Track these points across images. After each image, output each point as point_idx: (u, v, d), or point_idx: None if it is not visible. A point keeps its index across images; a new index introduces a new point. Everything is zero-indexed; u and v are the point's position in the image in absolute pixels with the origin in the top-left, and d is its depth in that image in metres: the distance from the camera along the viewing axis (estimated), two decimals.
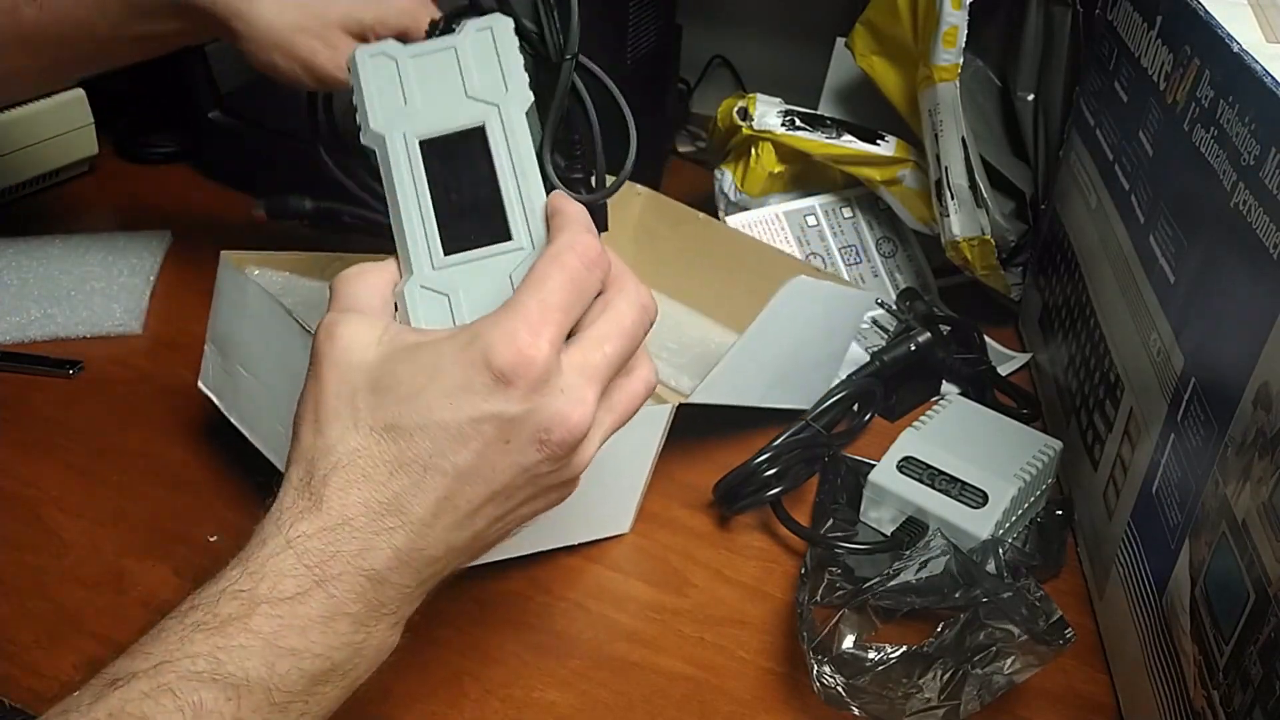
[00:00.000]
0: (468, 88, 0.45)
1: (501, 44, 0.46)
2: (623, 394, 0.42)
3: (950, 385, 0.72)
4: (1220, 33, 0.48)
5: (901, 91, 0.79)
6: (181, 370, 0.71)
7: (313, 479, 0.38)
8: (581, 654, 0.53)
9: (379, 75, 0.45)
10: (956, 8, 0.69)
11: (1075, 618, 0.55)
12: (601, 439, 0.41)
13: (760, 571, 0.58)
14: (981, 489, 0.56)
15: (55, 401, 0.67)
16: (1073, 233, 0.69)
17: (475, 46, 0.46)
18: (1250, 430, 0.41)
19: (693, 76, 1.04)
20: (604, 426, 0.41)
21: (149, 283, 0.78)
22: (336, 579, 0.37)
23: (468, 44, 0.46)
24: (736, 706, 0.51)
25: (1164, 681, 0.46)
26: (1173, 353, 0.50)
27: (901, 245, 0.82)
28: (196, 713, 0.34)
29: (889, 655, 0.46)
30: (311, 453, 0.38)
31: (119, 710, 0.33)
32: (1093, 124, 0.67)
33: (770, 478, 0.60)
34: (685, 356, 0.71)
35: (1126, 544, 0.52)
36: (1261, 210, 0.42)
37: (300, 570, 0.36)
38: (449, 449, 0.37)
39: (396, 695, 0.50)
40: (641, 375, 0.43)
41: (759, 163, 0.81)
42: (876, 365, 0.68)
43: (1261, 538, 0.39)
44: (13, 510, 0.59)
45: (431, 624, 0.53)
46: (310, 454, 0.38)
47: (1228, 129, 0.46)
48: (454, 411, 0.37)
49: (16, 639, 0.51)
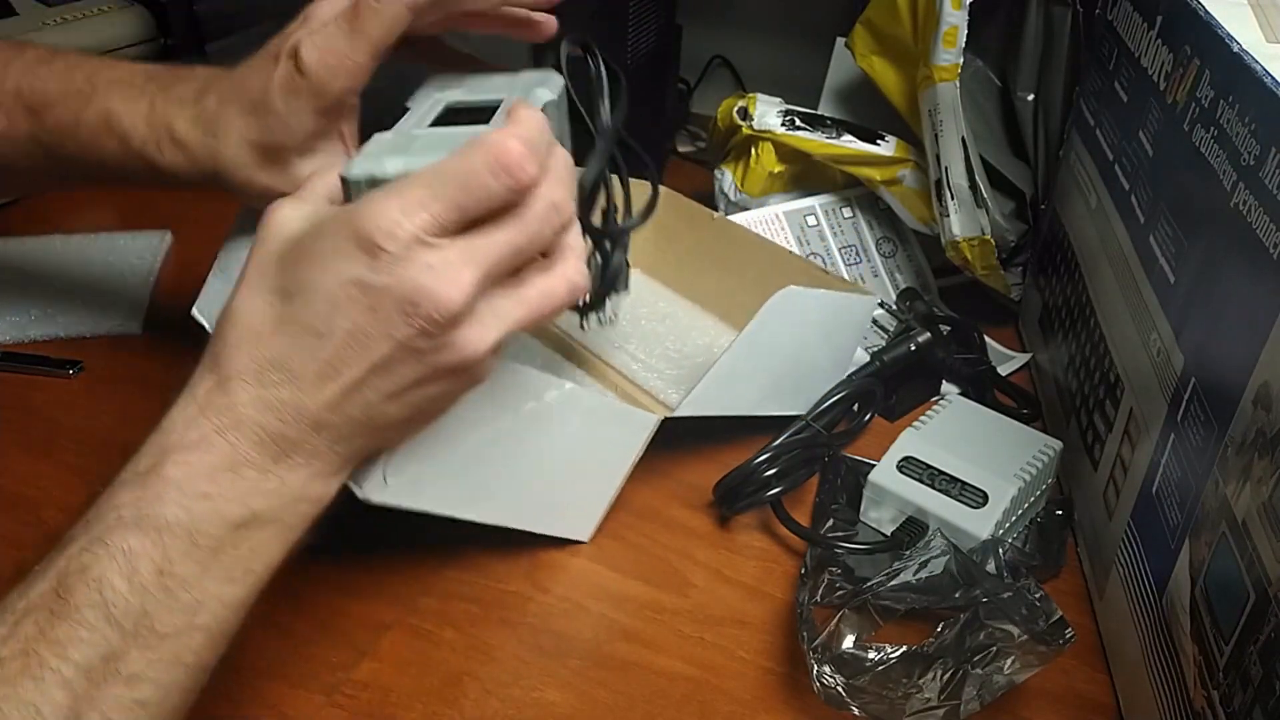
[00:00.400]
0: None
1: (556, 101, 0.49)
2: (534, 289, 0.42)
3: (950, 385, 0.72)
4: (1220, 33, 0.48)
5: (901, 91, 0.79)
6: (182, 370, 0.71)
7: (216, 342, 0.41)
8: (581, 654, 0.53)
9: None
10: (956, 8, 0.69)
11: (1075, 618, 0.55)
12: (502, 330, 0.41)
13: (760, 571, 0.58)
14: (981, 489, 0.56)
15: (55, 401, 0.67)
16: (1073, 233, 0.69)
17: (525, 93, 0.47)
18: (1250, 430, 0.41)
19: (693, 76, 1.04)
20: (507, 317, 0.41)
21: (149, 283, 0.78)
22: (234, 428, 0.40)
23: (518, 88, 0.48)
24: (736, 706, 0.51)
25: (1164, 681, 0.46)
26: (1173, 353, 0.50)
27: (901, 245, 0.82)
28: (127, 557, 0.37)
29: (889, 655, 0.46)
30: (221, 320, 0.41)
31: (64, 569, 0.37)
32: (1093, 124, 0.67)
33: (770, 478, 0.60)
34: (683, 368, 0.71)
35: (1126, 544, 0.52)
36: (1261, 210, 0.42)
37: (201, 421, 0.40)
38: (325, 312, 0.39)
39: (397, 694, 0.50)
40: (562, 273, 0.43)
41: (759, 163, 0.81)
42: (876, 365, 0.68)
43: (1261, 538, 0.39)
44: (13, 510, 0.59)
45: (432, 624, 0.53)
46: (220, 321, 0.41)
47: (1228, 129, 0.46)
48: (325, 276, 0.39)
49: None
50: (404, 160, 0.43)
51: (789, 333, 0.61)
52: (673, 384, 0.70)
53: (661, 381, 0.70)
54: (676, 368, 0.71)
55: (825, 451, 0.63)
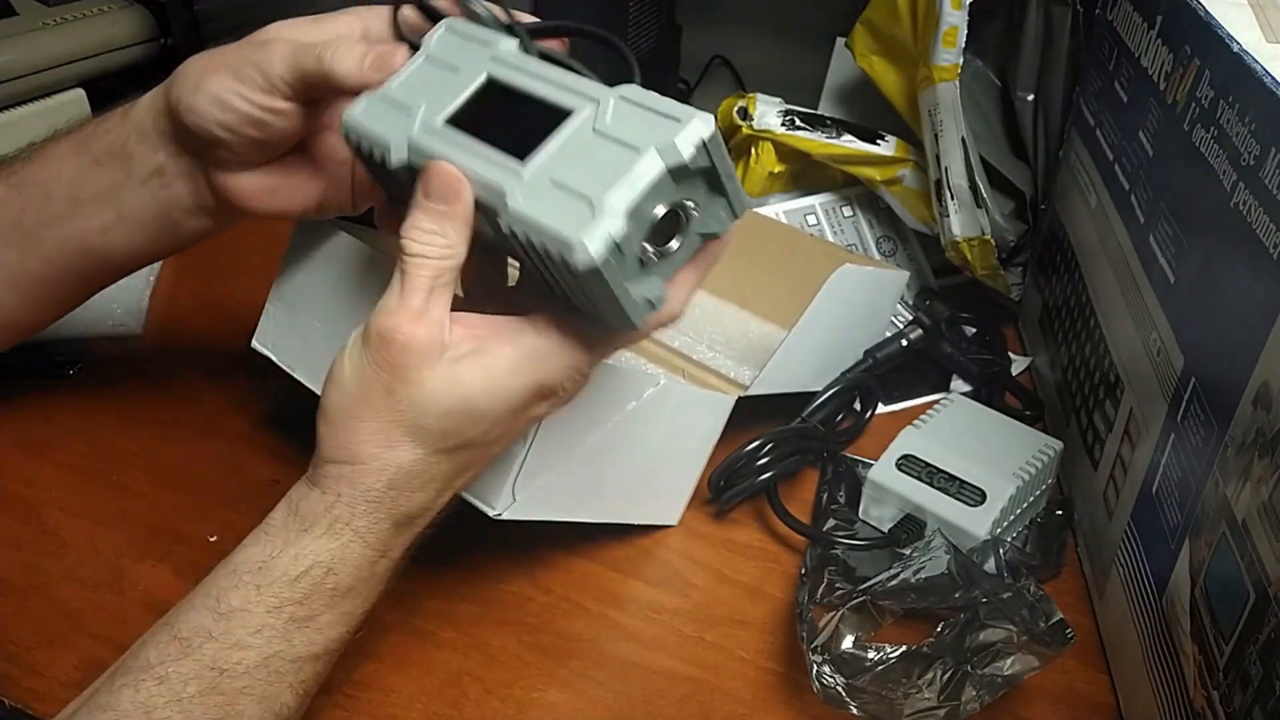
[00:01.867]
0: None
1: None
2: None
3: (962, 384, 0.72)
4: (1220, 33, 0.48)
5: (901, 91, 0.79)
6: (182, 370, 0.71)
7: (351, 469, 0.42)
8: (581, 654, 0.53)
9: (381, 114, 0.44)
10: (956, 8, 0.69)
11: (1075, 618, 0.55)
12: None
13: (760, 571, 0.58)
14: (980, 487, 0.56)
15: (55, 401, 0.67)
16: (1073, 233, 0.69)
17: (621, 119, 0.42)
18: (1250, 430, 0.41)
19: (693, 76, 1.04)
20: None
21: (149, 283, 0.78)
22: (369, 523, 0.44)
23: (593, 95, 0.42)
24: (736, 706, 0.51)
25: (1164, 681, 0.46)
26: (1173, 353, 0.50)
27: (902, 244, 0.82)
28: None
29: (888, 655, 0.47)
30: (361, 453, 0.42)
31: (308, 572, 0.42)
32: (1093, 124, 0.67)
33: (762, 465, 0.60)
34: (735, 349, 0.73)
35: (1126, 544, 0.52)
36: (1261, 210, 0.42)
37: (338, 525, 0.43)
38: (490, 436, 0.44)
39: (397, 694, 0.50)
40: None
41: (759, 162, 0.81)
42: (870, 362, 0.69)
43: (1261, 538, 0.39)
44: (13, 510, 0.59)
45: (433, 624, 0.53)
46: (360, 454, 0.42)
47: (1228, 129, 0.46)
48: (505, 422, 0.43)
49: (16, 639, 0.51)
50: (590, 180, 0.39)
51: (842, 309, 0.64)
52: (734, 365, 0.72)
53: (731, 361, 0.73)
54: (731, 349, 0.73)
55: (821, 446, 0.63)
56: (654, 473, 0.59)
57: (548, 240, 0.38)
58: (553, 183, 0.40)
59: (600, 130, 0.40)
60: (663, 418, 0.56)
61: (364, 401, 0.41)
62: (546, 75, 0.43)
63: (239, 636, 0.40)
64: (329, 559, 0.41)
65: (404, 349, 0.40)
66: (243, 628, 0.40)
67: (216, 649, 0.40)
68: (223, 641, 0.40)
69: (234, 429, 0.66)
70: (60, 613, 0.53)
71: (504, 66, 0.44)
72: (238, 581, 0.41)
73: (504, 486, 0.49)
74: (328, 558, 0.41)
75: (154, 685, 0.39)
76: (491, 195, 0.41)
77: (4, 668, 0.50)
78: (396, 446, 0.41)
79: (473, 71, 0.44)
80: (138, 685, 0.39)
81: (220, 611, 0.40)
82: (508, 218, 0.40)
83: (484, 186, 0.41)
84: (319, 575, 0.41)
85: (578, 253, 0.38)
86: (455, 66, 0.45)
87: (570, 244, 0.38)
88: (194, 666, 0.39)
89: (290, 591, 0.41)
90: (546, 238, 0.39)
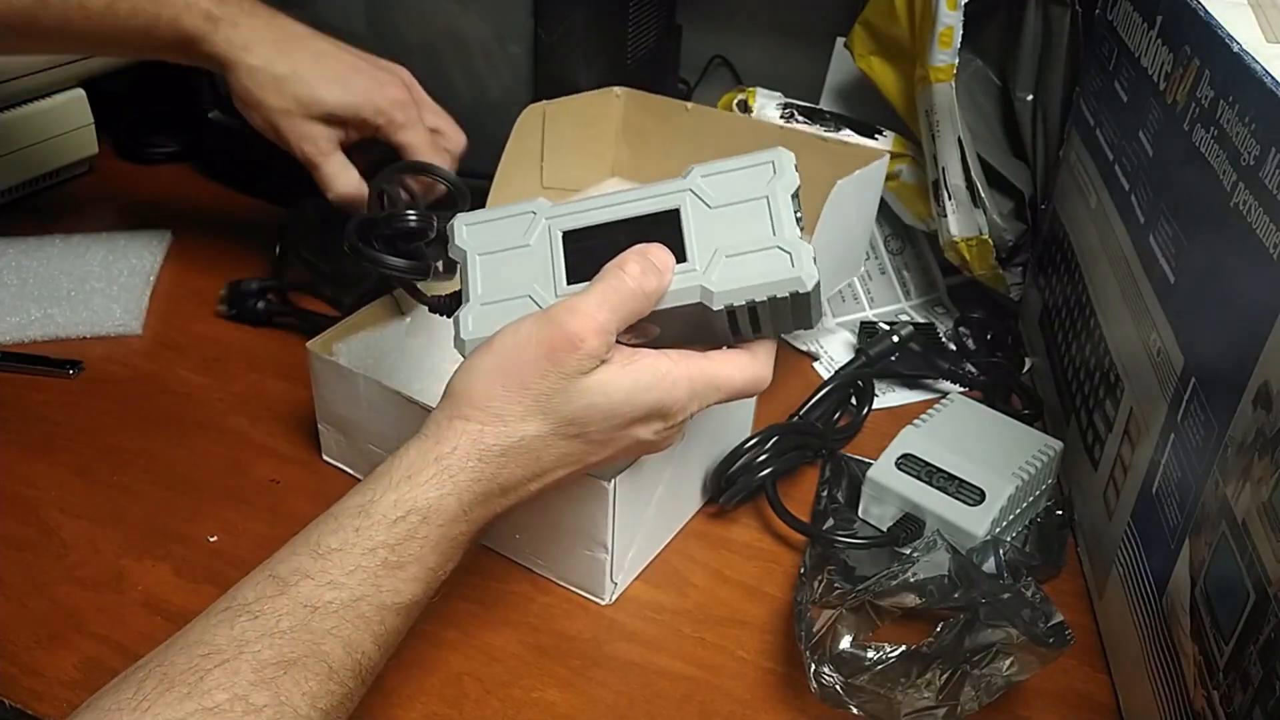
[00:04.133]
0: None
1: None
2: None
3: (963, 385, 0.72)
4: (1220, 33, 0.48)
5: (900, 92, 0.79)
6: (181, 370, 0.71)
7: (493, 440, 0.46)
8: (581, 654, 0.53)
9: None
10: (952, 8, 0.69)
11: (1075, 618, 0.55)
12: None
13: (760, 571, 0.58)
14: (979, 487, 0.56)
15: (55, 401, 0.67)
16: (1073, 233, 0.69)
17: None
18: (1250, 430, 0.41)
19: (693, 76, 1.04)
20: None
21: (149, 283, 0.78)
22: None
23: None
24: (736, 706, 0.51)
25: (1164, 681, 0.46)
26: (1173, 353, 0.50)
27: (910, 242, 0.82)
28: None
29: (887, 655, 0.47)
30: (501, 434, 0.46)
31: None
32: (1093, 124, 0.67)
33: (761, 462, 0.60)
34: None
35: (1126, 544, 0.52)
36: (1261, 210, 0.42)
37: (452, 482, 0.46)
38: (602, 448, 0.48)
39: (398, 694, 0.50)
40: None
41: None
42: (863, 359, 0.70)
43: (1261, 538, 0.39)
44: (13, 510, 0.59)
45: (433, 624, 0.53)
46: (500, 436, 0.46)
47: (1228, 129, 0.46)
48: (624, 432, 0.48)
49: (16, 639, 0.51)
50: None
51: (839, 219, 0.66)
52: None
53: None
54: None
55: (820, 443, 0.63)
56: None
57: (772, 289, 0.46)
58: (727, 258, 0.46)
59: (715, 205, 0.47)
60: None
61: (518, 374, 0.45)
62: (598, 205, 0.48)
63: (333, 576, 0.42)
64: (425, 507, 0.44)
65: (573, 349, 0.44)
66: (338, 567, 0.42)
67: (311, 587, 0.41)
68: (318, 580, 0.42)
69: (234, 429, 0.66)
70: (60, 613, 0.53)
71: (559, 217, 0.49)
72: (338, 526, 0.43)
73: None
74: (425, 505, 0.44)
75: (248, 621, 0.40)
76: (685, 297, 0.46)
77: (4, 668, 0.50)
78: (528, 420, 0.45)
79: (538, 236, 0.49)
80: (233, 622, 0.40)
81: (319, 553, 0.42)
82: (718, 299, 0.46)
83: (674, 295, 0.46)
84: (415, 522, 0.44)
85: (806, 282, 0.45)
86: (514, 244, 0.49)
87: (798, 279, 0.45)
88: (288, 604, 0.41)
89: (386, 534, 0.43)
90: (769, 288, 0.46)
